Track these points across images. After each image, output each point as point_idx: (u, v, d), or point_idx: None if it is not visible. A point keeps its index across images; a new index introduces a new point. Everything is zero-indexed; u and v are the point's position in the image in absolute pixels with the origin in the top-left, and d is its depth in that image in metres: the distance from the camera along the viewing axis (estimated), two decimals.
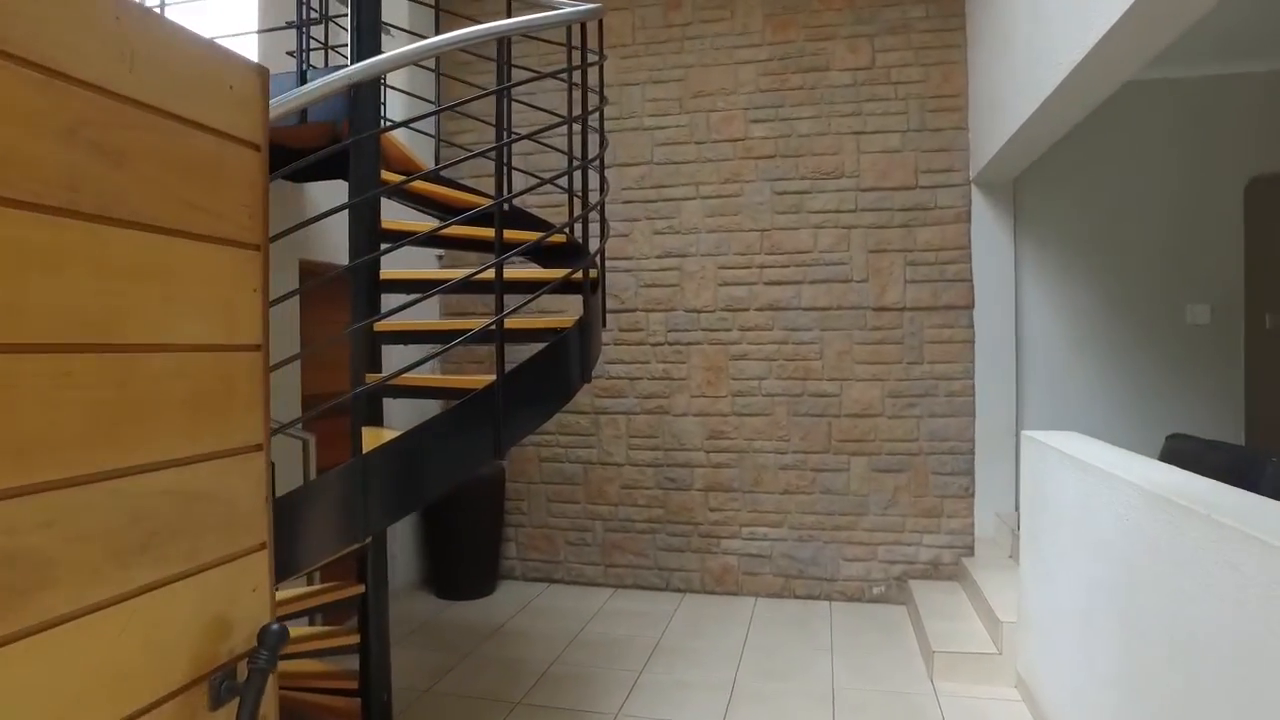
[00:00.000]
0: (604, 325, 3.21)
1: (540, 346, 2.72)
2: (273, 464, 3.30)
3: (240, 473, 1.27)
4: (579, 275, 3.04)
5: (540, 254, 3.55)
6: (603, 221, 3.22)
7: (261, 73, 1.31)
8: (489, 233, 2.70)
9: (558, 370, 2.78)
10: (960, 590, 4.23)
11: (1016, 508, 4.26)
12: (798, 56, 4.66)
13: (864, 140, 4.59)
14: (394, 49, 2.47)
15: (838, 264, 4.63)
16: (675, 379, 4.84)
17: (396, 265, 3.83)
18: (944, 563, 4.47)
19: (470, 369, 4.98)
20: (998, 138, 3.73)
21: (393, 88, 4.51)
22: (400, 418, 3.51)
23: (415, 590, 4.81)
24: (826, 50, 4.63)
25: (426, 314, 5.05)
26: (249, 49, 3.93)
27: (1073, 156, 4.39)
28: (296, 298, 3.95)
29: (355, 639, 3.02)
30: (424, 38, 2.57)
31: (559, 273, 2.96)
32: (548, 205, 4.61)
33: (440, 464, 2.44)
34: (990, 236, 4.44)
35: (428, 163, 4.23)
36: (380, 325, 3.00)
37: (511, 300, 2.61)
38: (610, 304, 4.90)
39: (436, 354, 2.52)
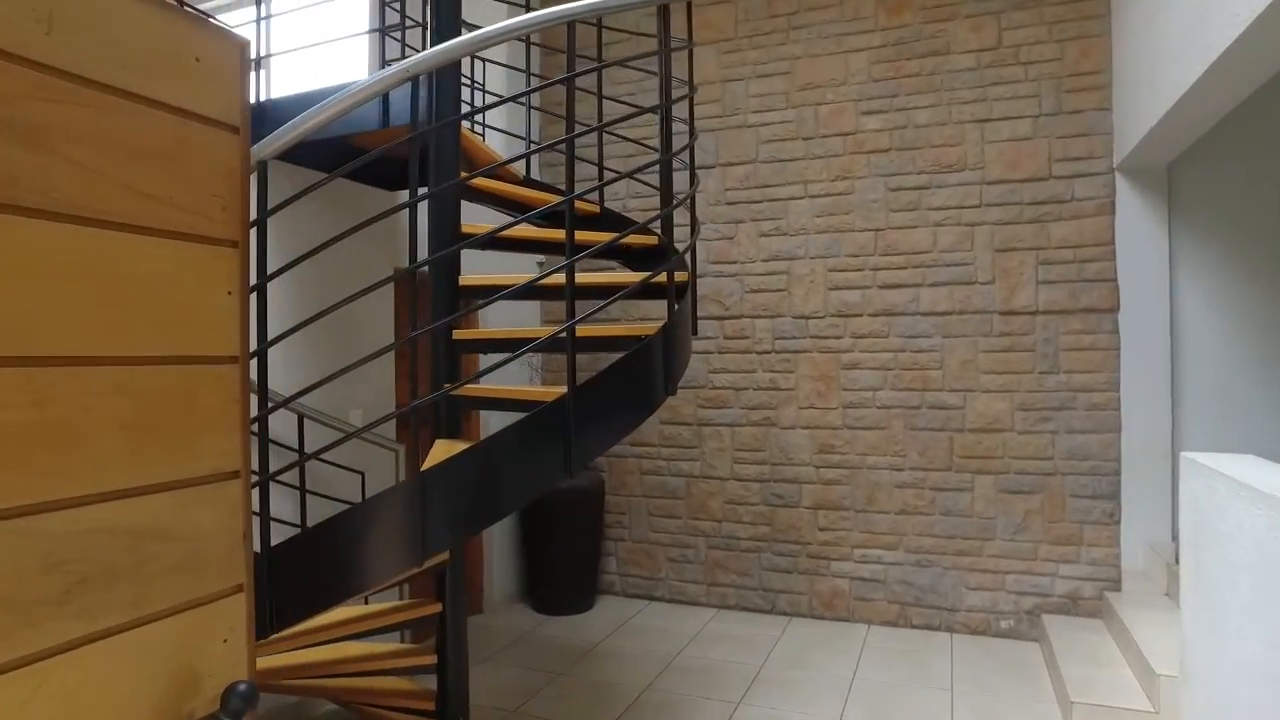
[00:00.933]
0: (695, 332, 2.93)
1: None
2: (362, 474, 3.17)
3: (208, 504, 1.08)
4: (669, 279, 2.78)
5: (631, 258, 3.32)
6: (693, 220, 2.95)
7: (238, 45, 1.12)
8: (559, 234, 2.48)
9: (638, 381, 2.52)
10: (1104, 630, 3.68)
11: (1173, 538, 3.68)
12: (913, 41, 4.23)
13: (989, 128, 4.11)
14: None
15: (960, 265, 4.16)
16: (782, 389, 4.49)
17: (503, 273, 3.70)
18: (1084, 597, 3.92)
19: None
20: (1149, 116, 3.21)
21: (491, 93, 4.40)
22: None
23: (513, 603, 4.67)
24: (946, 32, 4.18)
25: (530, 321, 4.92)
26: (359, 60, 3.90)
27: (1239, 135, 3.76)
28: (391, 306, 3.89)
29: (432, 659, 2.87)
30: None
31: (635, 277, 2.70)
32: (652, 209, 4.39)
33: (504, 483, 2.23)
34: (1139, 230, 3.87)
35: (524, 168, 4.08)
36: (460, 333, 2.85)
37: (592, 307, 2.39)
38: (714, 310, 4.62)
39: (501, 364, 2.32)
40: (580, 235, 2.87)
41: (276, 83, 3.34)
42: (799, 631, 4.22)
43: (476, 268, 3.45)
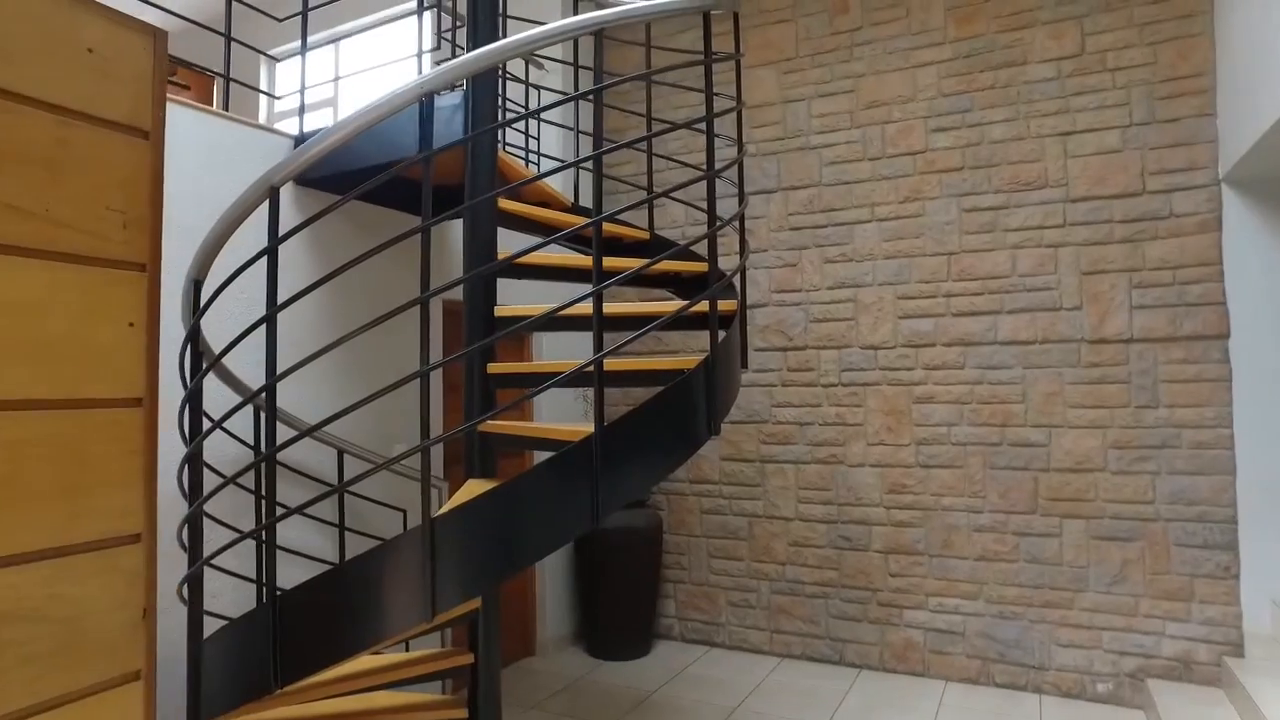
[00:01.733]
0: (745, 365, 2.67)
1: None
2: (404, 512, 2.98)
3: (95, 575, 0.89)
4: (723, 308, 2.54)
5: (682, 285, 3.09)
6: (742, 242, 2.71)
7: (150, 36, 0.96)
8: (587, 260, 2.27)
9: (676, 419, 2.27)
10: (1226, 702, 3.19)
11: None
12: (987, 52, 3.91)
13: (1073, 142, 3.74)
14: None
15: (1043, 289, 3.77)
16: (850, 424, 4.16)
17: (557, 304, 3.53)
18: (1198, 661, 3.43)
19: None
20: (1263, 119, 2.81)
21: (548, 122, 4.27)
22: None
23: (566, 646, 4.43)
24: (1023, 41, 3.84)
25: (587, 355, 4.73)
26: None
27: None
28: (441, 340, 3.76)
29: (462, 712, 2.66)
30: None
31: (669, 306, 2.46)
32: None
33: (522, 533, 2.01)
34: (1250, 247, 3.42)
35: (571, 195, 3.92)
36: (494, 366, 2.66)
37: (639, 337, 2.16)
38: (777, 341, 4.34)
39: (521, 399, 2.12)
40: (618, 263, 2.67)
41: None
42: (869, 686, 3.84)
43: (530, 299, 3.29)
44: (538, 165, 4.02)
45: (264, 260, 1.88)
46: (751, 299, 4.38)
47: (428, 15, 3.56)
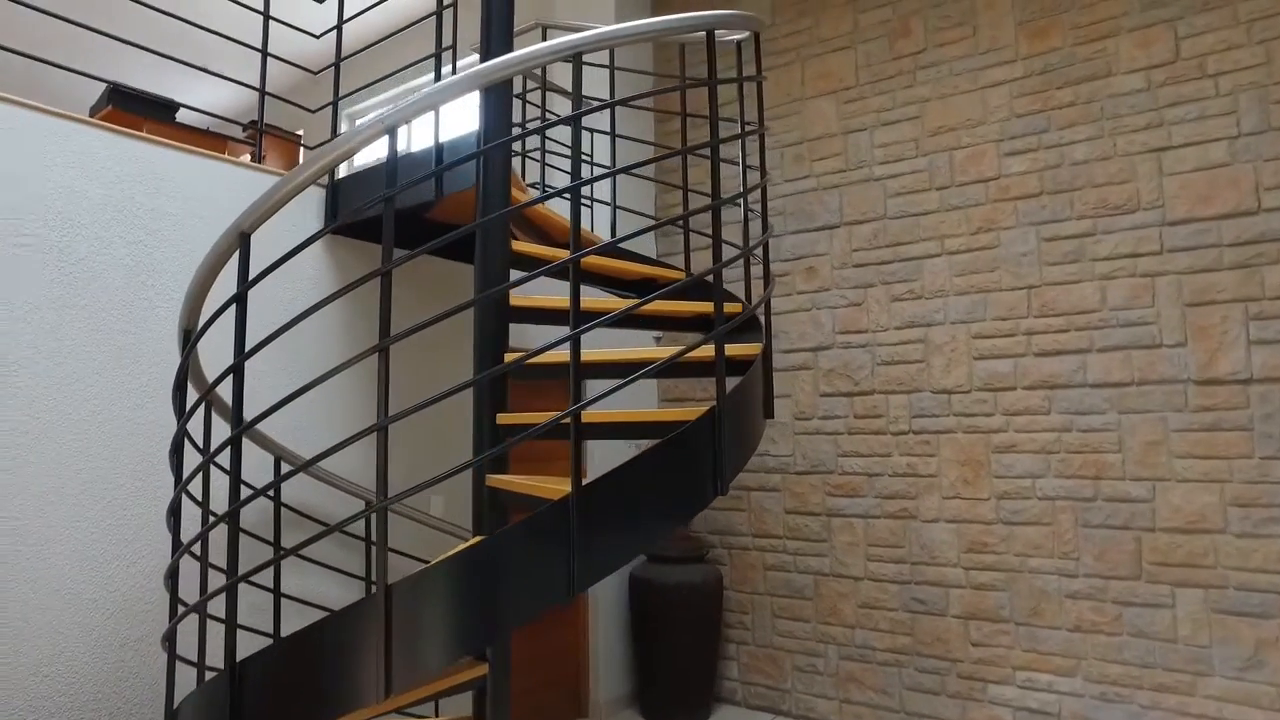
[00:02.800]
0: (770, 414, 2.38)
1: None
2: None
3: None
4: (743, 353, 2.28)
5: (704, 328, 2.84)
6: (766, 273, 2.44)
7: None
8: (598, 302, 2.05)
9: (674, 478, 2.00)
10: None
11: None
12: (1064, 66, 3.50)
13: (1169, 158, 3.27)
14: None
15: (1139, 324, 3.28)
16: (922, 475, 3.74)
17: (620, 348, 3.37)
18: None
19: None
20: None
21: (599, 165, 4.14)
22: None
23: (621, 708, 4.14)
24: (1105, 51, 3.42)
25: (646, 402, 4.52)
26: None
27: None
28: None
29: None
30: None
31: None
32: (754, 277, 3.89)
33: (489, 604, 1.79)
34: None
35: (603, 234, 3.75)
36: (504, 417, 2.49)
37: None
38: (842, 386, 3.99)
39: (493, 454, 1.92)
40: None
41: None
42: None
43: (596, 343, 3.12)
44: (590, 207, 3.87)
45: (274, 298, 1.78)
46: (814, 341, 4.06)
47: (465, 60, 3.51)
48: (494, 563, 1.80)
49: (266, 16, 2.92)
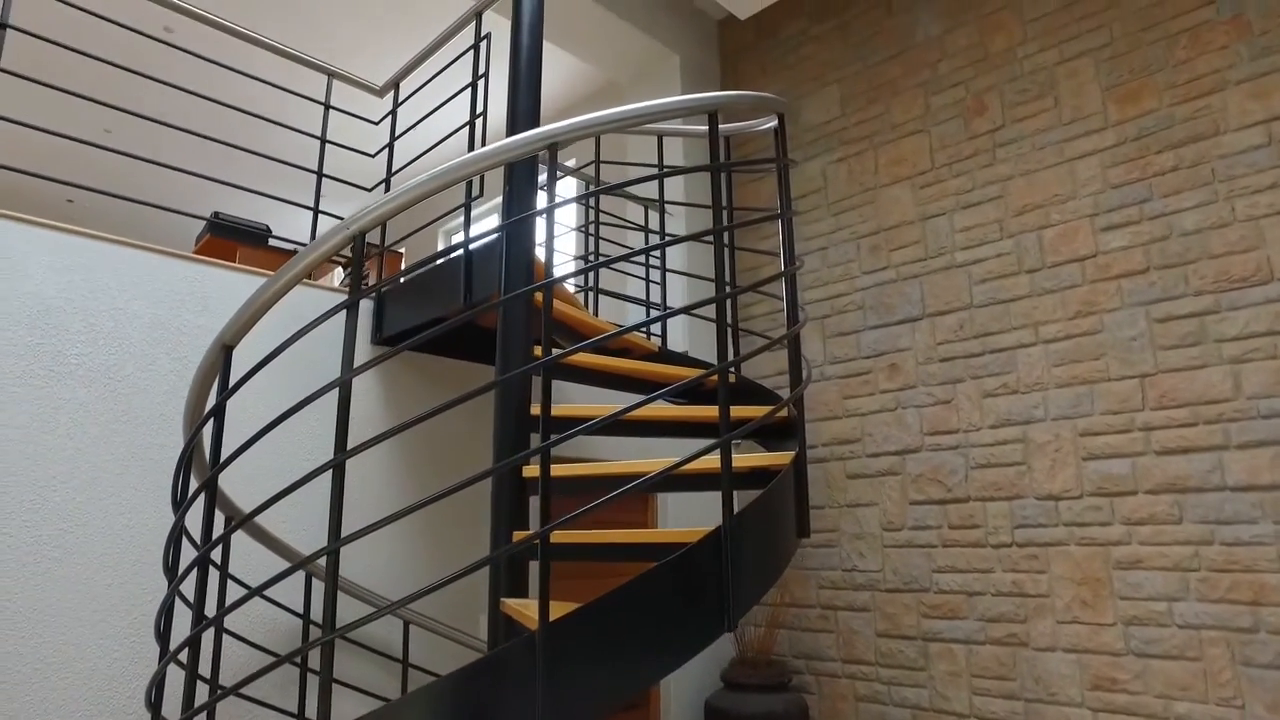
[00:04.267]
0: (806, 534, 2.05)
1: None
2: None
3: None
4: (770, 462, 2.00)
5: (765, 433, 2.56)
6: (795, 366, 2.15)
7: None
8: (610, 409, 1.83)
9: (669, 611, 1.70)
10: None
11: None
12: (1163, 129, 3.08)
13: None
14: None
15: None
16: (1031, 595, 3.18)
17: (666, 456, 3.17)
18: None
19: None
20: None
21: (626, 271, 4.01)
22: None
23: None
24: (1211, 108, 2.99)
25: (711, 514, 4.19)
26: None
27: None
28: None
29: None
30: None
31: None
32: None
33: None
34: None
35: (658, 340, 3.56)
36: (519, 535, 2.28)
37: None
38: (933, 493, 3.53)
39: (440, 584, 1.70)
40: (692, 412, 2.23)
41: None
42: None
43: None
44: (650, 319, 3.72)
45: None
46: (901, 444, 3.64)
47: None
48: (454, 707, 1.56)
49: (323, 141, 3.03)
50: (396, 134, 3.07)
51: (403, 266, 5.84)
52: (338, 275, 6.06)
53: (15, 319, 2.24)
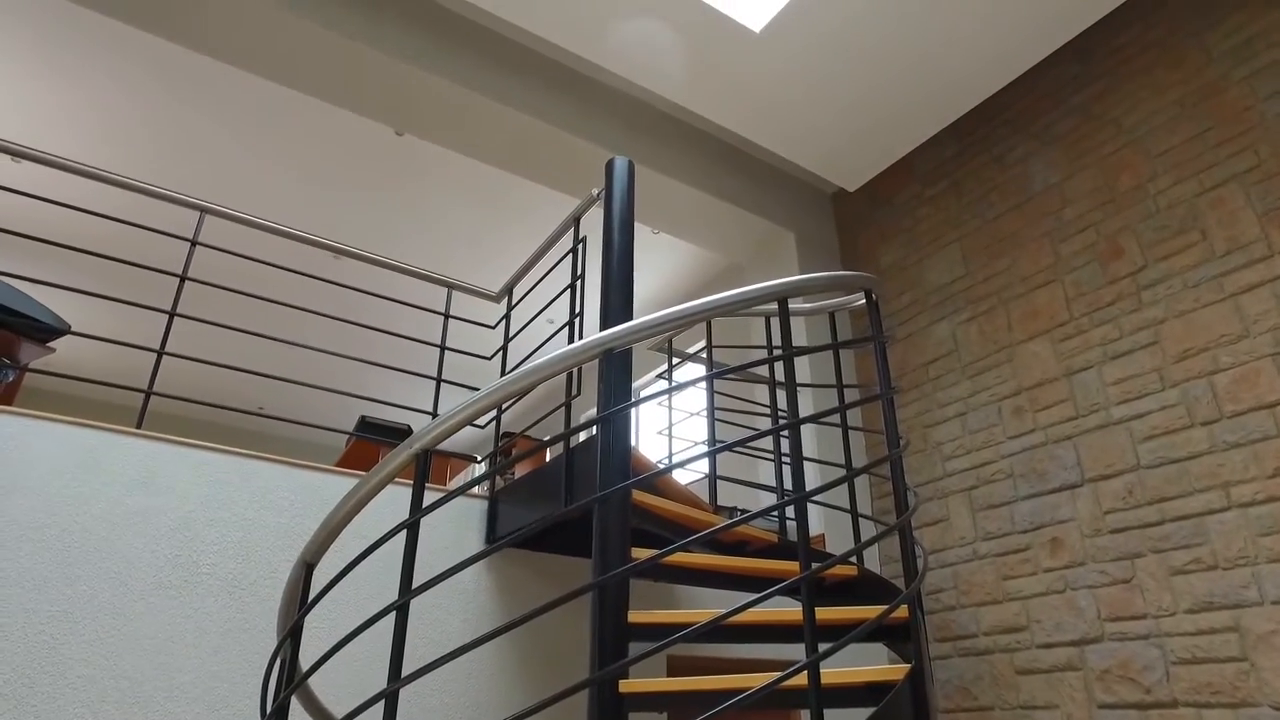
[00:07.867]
0: None
1: None
2: None
3: None
4: (875, 676, 1.70)
5: (830, 636, 2.21)
6: (907, 559, 1.83)
7: None
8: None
9: None
10: None
11: None
12: None
13: None
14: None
15: None
16: None
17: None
18: None
19: None
20: None
21: (761, 456, 3.79)
22: None
23: None
24: None
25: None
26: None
27: None
28: None
29: None
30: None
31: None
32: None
33: None
34: None
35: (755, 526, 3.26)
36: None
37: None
38: (1126, 694, 2.88)
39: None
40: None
41: None
42: None
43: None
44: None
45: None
46: (1076, 632, 3.04)
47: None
48: None
49: (442, 349, 3.19)
50: (510, 335, 3.19)
51: (548, 458, 5.95)
52: (481, 467, 6.26)
53: (160, 531, 2.40)
